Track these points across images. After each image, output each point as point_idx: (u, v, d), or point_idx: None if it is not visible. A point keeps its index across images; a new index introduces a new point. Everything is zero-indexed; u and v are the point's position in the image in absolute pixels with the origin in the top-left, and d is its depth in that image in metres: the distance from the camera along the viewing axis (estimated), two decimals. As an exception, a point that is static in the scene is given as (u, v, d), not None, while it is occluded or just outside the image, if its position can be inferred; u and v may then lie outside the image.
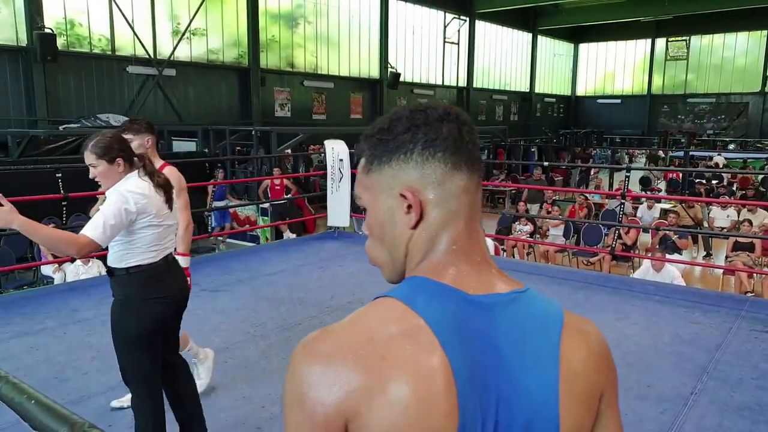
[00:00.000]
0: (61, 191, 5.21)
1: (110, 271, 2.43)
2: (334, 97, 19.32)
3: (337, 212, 7.55)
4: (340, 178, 7.52)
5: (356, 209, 9.84)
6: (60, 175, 5.18)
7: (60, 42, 12.45)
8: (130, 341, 2.41)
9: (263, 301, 5.08)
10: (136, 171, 2.42)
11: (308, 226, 11.47)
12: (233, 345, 4.11)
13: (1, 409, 2.83)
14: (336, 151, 7.59)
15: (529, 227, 9.29)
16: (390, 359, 0.69)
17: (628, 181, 6.08)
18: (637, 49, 30.71)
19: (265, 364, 3.81)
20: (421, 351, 0.69)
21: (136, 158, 2.44)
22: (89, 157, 2.37)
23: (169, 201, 2.48)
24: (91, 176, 2.43)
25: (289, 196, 11.44)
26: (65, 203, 5.26)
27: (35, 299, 4.99)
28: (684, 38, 29.06)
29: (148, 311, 2.41)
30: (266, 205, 10.76)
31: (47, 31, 12.00)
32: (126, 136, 2.76)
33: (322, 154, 14.61)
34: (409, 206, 0.77)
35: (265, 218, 10.92)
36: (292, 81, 18.08)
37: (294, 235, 10.29)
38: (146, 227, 2.37)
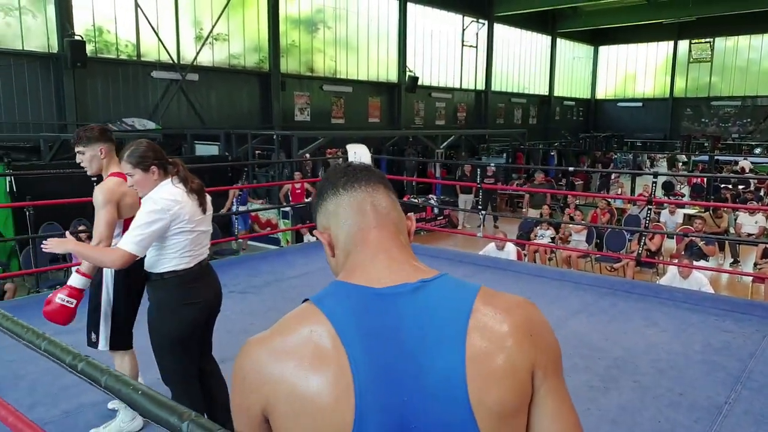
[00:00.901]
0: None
1: (146, 275, 2.48)
2: (352, 101, 19.44)
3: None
4: (362, 182, 7.57)
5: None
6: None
7: (89, 48, 12.69)
8: (167, 344, 2.47)
9: (290, 303, 5.06)
10: (170, 178, 2.47)
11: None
12: (264, 346, 4.19)
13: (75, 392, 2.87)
14: (358, 155, 7.67)
15: (550, 232, 9.29)
16: (294, 351, 0.80)
17: (656, 186, 6.05)
18: (658, 51, 30.40)
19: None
20: (319, 343, 0.80)
21: (170, 165, 2.50)
22: (125, 167, 2.45)
23: (202, 206, 2.50)
24: (128, 185, 2.51)
25: (309, 199, 11.56)
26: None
27: (70, 300, 5.12)
28: (708, 40, 28.69)
29: (183, 315, 2.47)
30: (287, 208, 10.89)
31: (77, 38, 12.25)
32: (77, 149, 2.81)
33: (340, 158, 14.84)
34: (324, 241, 0.96)
35: (286, 221, 11.04)
36: (311, 85, 18.22)
37: (314, 238, 10.39)
38: (180, 233, 2.40)
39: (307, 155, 12.58)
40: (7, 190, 8.30)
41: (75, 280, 2.65)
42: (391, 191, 0.98)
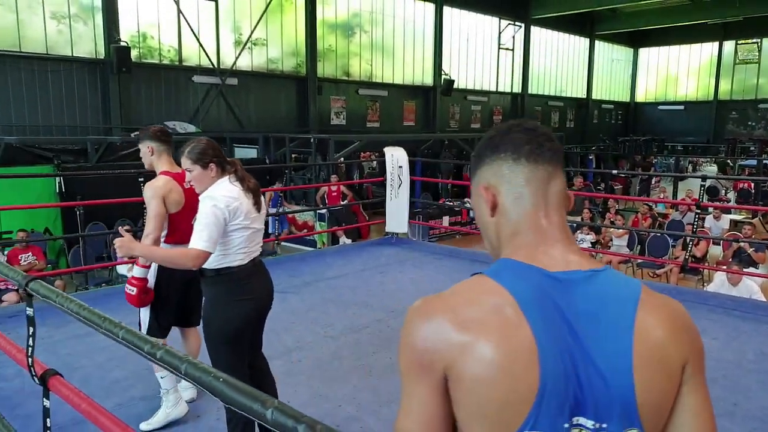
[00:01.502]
0: (142, 195, 5.48)
1: (201, 271, 2.51)
2: (387, 104, 19.49)
3: (396, 218, 7.63)
4: (399, 185, 7.58)
5: (413, 215, 9.95)
6: (142, 179, 5.47)
7: (133, 54, 13.05)
8: (218, 339, 2.53)
9: (330, 304, 5.22)
10: (227, 176, 2.53)
11: (362, 231, 11.64)
12: (306, 345, 4.25)
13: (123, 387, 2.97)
14: (395, 158, 7.66)
15: (591, 236, 9.17)
16: (482, 322, 0.83)
17: (703, 191, 5.91)
18: (702, 52, 29.58)
19: (337, 364, 3.93)
20: (508, 318, 0.83)
21: (228, 164, 2.57)
22: (185, 162, 2.53)
23: (257, 204, 2.56)
24: (186, 180, 2.59)
25: (345, 202, 11.64)
26: (146, 206, 5.53)
27: (119, 296, 5.25)
28: (755, 40, 27.74)
29: (237, 311, 2.51)
30: (323, 210, 10.99)
31: (123, 44, 12.61)
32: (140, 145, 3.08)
33: (374, 162, 14.90)
34: (485, 199, 0.96)
35: (322, 223, 11.14)
36: (347, 89, 18.34)
37: (349, 241, 10.46)
38: (236, 230, 2.46)
39: (342, 159, 12.69)
40: (57, 190, 8.59)
41: (135, 270, 2.96)
42: (563, 169, 0.98)
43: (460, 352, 0.83)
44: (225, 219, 2.41)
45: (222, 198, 2.42)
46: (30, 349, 1.47)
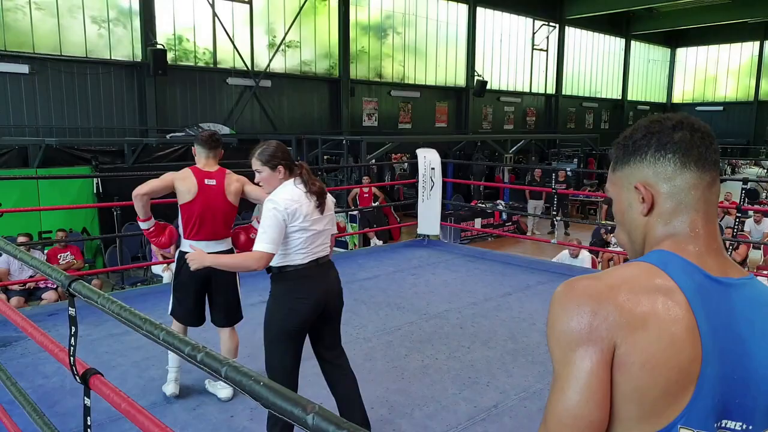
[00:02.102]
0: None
1: (268, 269, 2.64)
2: (420, 106, 19.46)
3: (428, 220, 7.61)
4: (432, 187, 7.55)
5: (445, 218, 9.92)
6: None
7: (169, 56, 13.30)
8: (272, 333, 2.64)
9: (362, 305, 5.22)
10: (293, 179, 2.62)
11: (393, 233, 11.64)
12: (338, 347, 4.25)
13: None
14: (428, 159, 7.64)
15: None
16: (649, 305, 0.85)
17: (744, 194, 5.76)
18: (742, 52, 28.83)
19: (370, 366, 3.93)
20: (675, 305, 0.85)
21: (295, 167, 2.67)
22: (255, 163, 2.64)
23: (320, 207, 2.63)
24: (255, 180, 2.71)
25: (376, 203, 11.65)
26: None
27: (154, 295, 5.36)
28: (798, 40, 27.02)
29: (292, 308, 2.61)
30: (354, 212, 11.01)
31: (159, 47, 12.86)
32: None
33: (406, 163, 14.89)
34: (643, 197, 0.94)
35: (354, 225, 11.17)
36: (380, 91, 18.37)
37: (381, 242, 10.47)
38: (296, 231, 2.56)
39: (373, 160, 12.71)
40: (94, 191, 8.79)
41: (141, 225, 3.51)
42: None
43: (626, 332, 0.83)
44: (284, 220, 2.51)
45: (281, 201, 2.52)
46: (72, 348, 1.50)
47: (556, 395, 0.85)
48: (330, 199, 2.74)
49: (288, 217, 2.51)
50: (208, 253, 2.91)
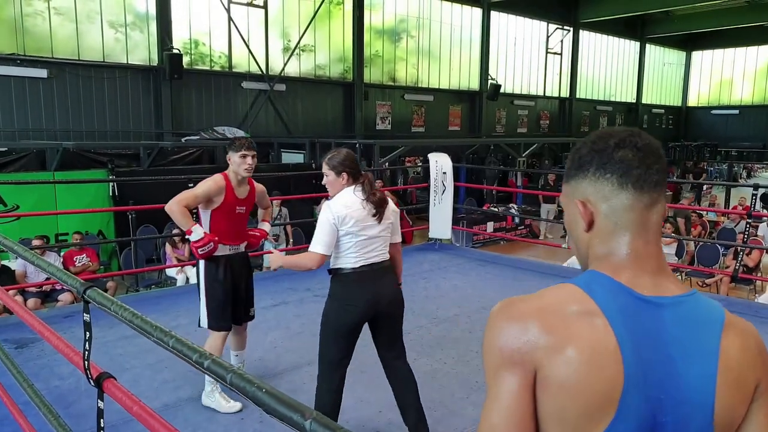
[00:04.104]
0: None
1: (328, 269, 2.85)
2: (433, 109, 19.49)
3: (439, 224, 7.62)
4: (443, 191, 7.56)
5: (457, 221, 9.94)
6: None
7: (185, 60, 13.46)
8: (324, 328, 2.81)
9: (373, 310, 5.25)
10: (354, 186, 2.78)
11: (405, 236, 11.66)
12: (348, 351, 4.29)
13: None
14: (439, 164, 7.65)
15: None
16: (570, 328, 0.86)
17: (756, 199, 5.74)
18: (759, 55, 28.53)
19: (379, 370, 3.93)
20: (595, 328, 0.86)
21: (360, 176, 2.82)
22: (324, 167, 2.85)
23: (377, 216, 2.76)
24: (322, 182, 2.89)
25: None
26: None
27: (168, 298, 5.44)
28: (815, 42, 26.68)
29: (343, 307, 2.76)
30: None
31: (175, 51, 13.01)
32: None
33: (419, 167, 14.91)
34: (582, 214, 0.95)
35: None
36: (393, 94, 18.43)
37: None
38: (346, 235, 2.71)
39: (386, 164, 12.73)
40: (110, 194, 8.89)
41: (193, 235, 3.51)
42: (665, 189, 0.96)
43: (548, 354, 0.85)
44: (334, 224, 2.69)
45: (334, 206, 2.72)
46: (86, 352, 1.55)
47: (483, 413, 0.88)
48: (392, 210, 2.86)
49: (338, 221, 2.68)
50: (235, 253, 3.35)
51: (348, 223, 2.69)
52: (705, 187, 16.76)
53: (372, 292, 2.78)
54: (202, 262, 3.36)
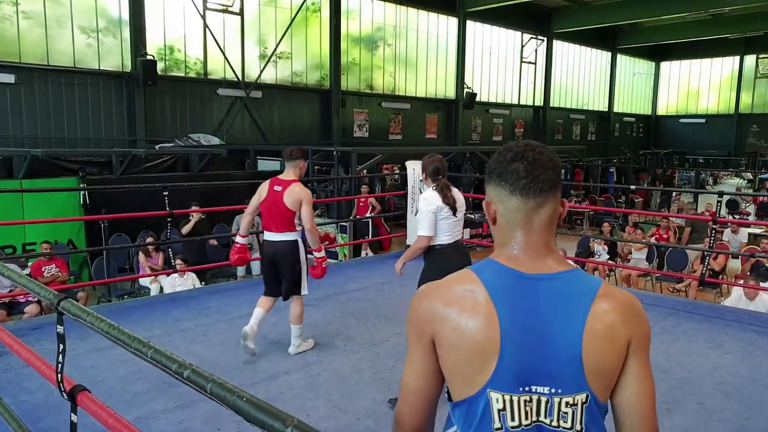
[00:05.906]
0: (167, 208, 5.59)
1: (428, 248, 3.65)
2: (410, 117, 19.56)
3: (417, 231, 7.64)
4: (420, 198, 7.60)
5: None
6: (167, 193, 5.56)
7: (159, 67, 13.28)
8: None
9: (350, 317, 5.24)
10: (433, 185, 3.67)
11: (384, 244, 11.66)
12: (326, 358, 4.28)
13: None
14: (417, 171, 7.70)
15: (606, 249, 9.08)
16: (459, 302, 1.12)
17: (721, 205, 5.87)
18: (723, 66, 29.31)
19: (357, 377, 3.95)
20: (478, 301, 1.11)
21: (438, 179, 3.68)
22: (420, 166, 3.88)
23: (452, 209, 3.62)
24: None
25: (372, 214, 11.67)
26: (170, 219, 5.64)
27: (141, 308, 5.36)
28: (776, 55, 27.48)
29: (441, 271, 3.00)
30: (345, 222, 11.03)
31: (149, 57, 12.85)
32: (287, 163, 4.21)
33: (396, 174, 14.95)
34: (488, 213, 1.21)
35: (344, 235, 11.17)
36: (370, 102, 18.45)
37: (371, 253, 10.49)
38: (442, 219, 3.59)
39: (364, 171, 12.73)
40: (81, 202, 8.70)
41: (237, 239, 4.61)
42: (560, 188, 1.18)
43: (441, 322, 1.12)
44: (434, 212, 3.56)
45: (432, 199, 3.60)
46: (60, 365, 1.52)
47: (403, 374, 1.20)
48: (460, 202, 3.69)
49: (437, 210, 3.56)
50: (271, 241, 4.19)
51: (442, 211, 3.56)
52: (674, 193, 17.12)
53: (462, 261, 3.53)
54: (301, 243, 4.25)
